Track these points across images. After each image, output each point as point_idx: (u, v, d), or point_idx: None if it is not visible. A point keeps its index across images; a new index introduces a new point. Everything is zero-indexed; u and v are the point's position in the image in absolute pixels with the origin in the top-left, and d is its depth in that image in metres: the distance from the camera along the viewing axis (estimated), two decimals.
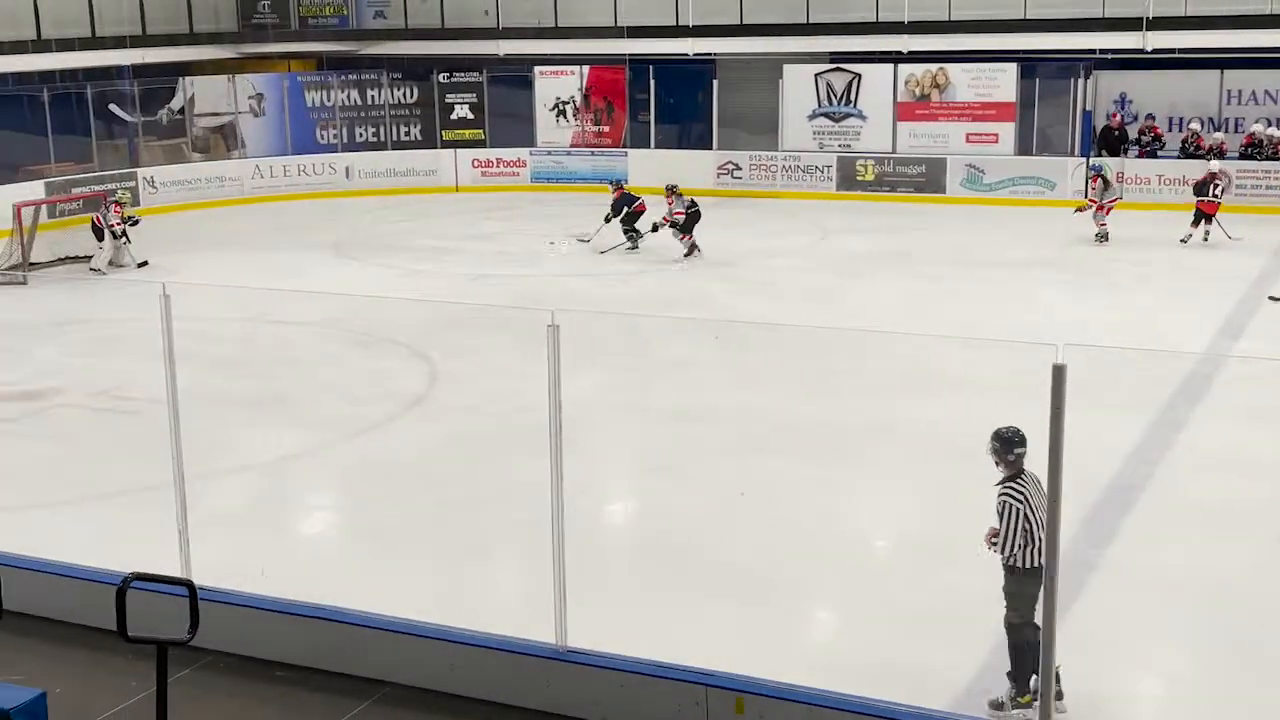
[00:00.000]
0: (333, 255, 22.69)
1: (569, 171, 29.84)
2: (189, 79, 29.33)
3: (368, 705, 7.72)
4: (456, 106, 30.43)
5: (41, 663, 8.05)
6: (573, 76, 29.96)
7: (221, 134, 29.77)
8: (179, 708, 6.64)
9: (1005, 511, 7.42)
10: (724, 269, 20.85)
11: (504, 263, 21.58)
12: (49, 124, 26.41)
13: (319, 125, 30.19)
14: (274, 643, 8.26)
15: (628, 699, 7.48)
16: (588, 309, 15.80)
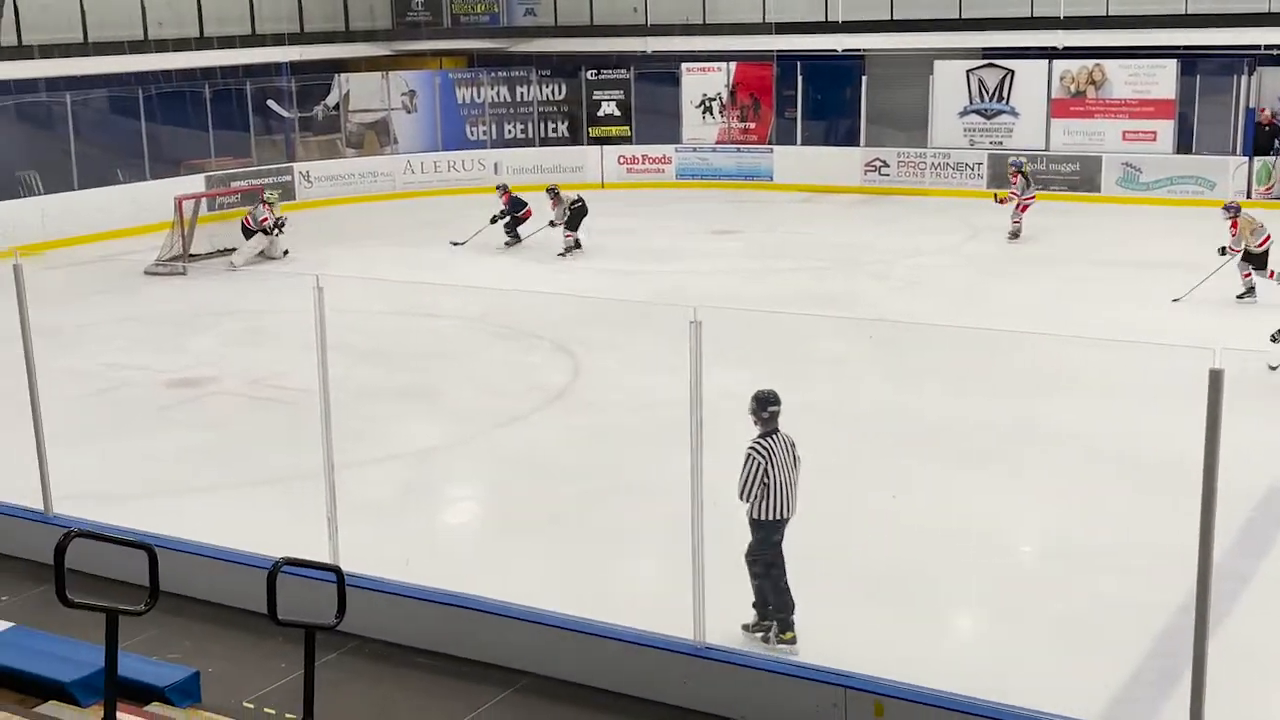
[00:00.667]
0: (478, 250, 22.98)
1: (714, 168, 29.81)
2: (344, 76, 29.99)
3: (507, 695, 7.81)
4: (603, 103, 30.61)
5: (195, 643, 8.30)
6: (719, 73, 29.92)
7: (374, 130, 30.37)
8: (325, 691, 6.79)
9: (747, 463, 8.14)
10: (872, 267, 20.63)
11: (648, 259, 21.63)
12: (210, 119, 27.23)
13: (469, 122, 30.61)
14: (417, 630, 8.40)
15: (765, 698, 7.45)
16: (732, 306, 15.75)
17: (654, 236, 23.90)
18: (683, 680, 7.66)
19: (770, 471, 8.14)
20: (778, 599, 8.24)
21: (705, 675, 7.61)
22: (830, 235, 23.76)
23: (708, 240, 23.63)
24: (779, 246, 23.10)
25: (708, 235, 24.03)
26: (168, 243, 21.71)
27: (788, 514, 8.24)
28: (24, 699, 5.67)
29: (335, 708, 7.11)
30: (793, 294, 18.54)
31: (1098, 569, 9.39)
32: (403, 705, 7.71)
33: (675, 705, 7.63)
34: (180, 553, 8.87)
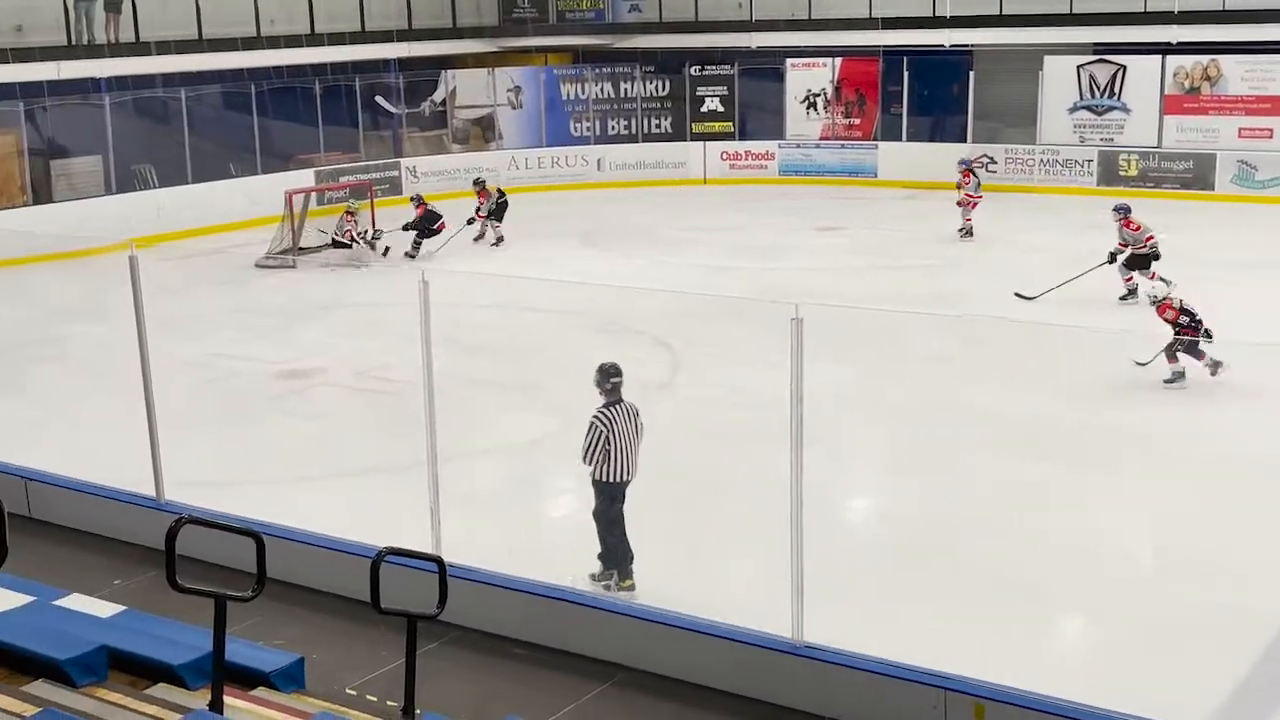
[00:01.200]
0: (583, 245, 23.10)
1: (818, 164, 29.64)
2: (451, 72, 30.29)
3: (605, 688, 7.84)
4: (707, 99, 30.58)
5: (300, 629, 8.44)
6: (824, 69, 29.74)
7: (480, 126, 30.64)
8: (426, 679, 6.87)
9: (590, 431, 8.93)
10: (977, 264, 20.37)
11: (749, 255, 21.57)
12: (319, 115, 27.66)
13: (573, 118, 30.77)
14: (516, 621, 8.47)
15: (863, 698, 7.40)
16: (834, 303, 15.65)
17: (756, 233, 23.82)
18: (780, 678, 7.65)
19: (611, 438, 8.93)
20: (619, 552, 9.05)
21: (803, 673, 7.58)
22: (935, 232, 23.48)
23: (810, 237, 23.50)
24: (883, 243, 22.89)
25: (810, 232, 23.89)
26: (277, 236, 22.09)
27: (627, 477, 9.07)
28: (135, 680, 5.80)
29: (436, 696, 7.19)
30: (896, 291, 18.35)
31: (1207, 574, 9.19)
32: (502, 695, 7.77)
33: (772, 703, 7.61)
34: (286, 540, 9.03)
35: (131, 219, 22.25)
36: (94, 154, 24.41)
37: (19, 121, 23.29)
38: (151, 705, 5.32)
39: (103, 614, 6.84)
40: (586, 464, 8.98)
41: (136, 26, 24.50)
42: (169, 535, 5.35)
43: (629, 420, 9.07)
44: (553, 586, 8.48)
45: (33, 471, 10.63)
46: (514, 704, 7.47)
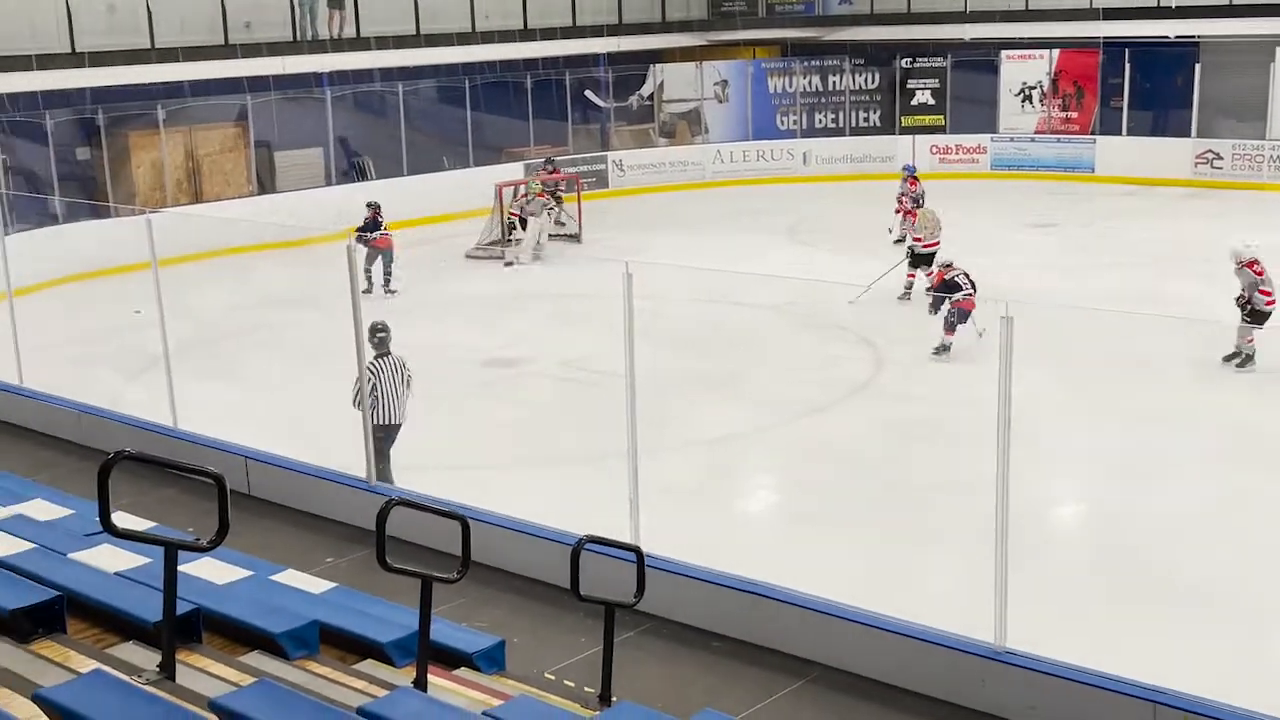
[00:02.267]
0: (788, 240, 22.98)
1: (1032, 159, 28.88)
2: (659, 66, 30.48)
3: (801, 685, 7.78)
4: (918, 92, 30.09)
5: (501, 613, 8.60)
6: (1041, 60, 28.94)
7: (687, 119, 30.75)
8: (623, 667, 6.93)
9: (362, 376, 10.31)
10: (1199, 265, 19.55)
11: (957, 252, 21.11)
12: (530, 109, 28.14)
13: (779, 111, 30.62)
14: (713, 614, 8.47)
15: (1068, 708, 7.18)
16: (1046, 302, 15.23)
17: (965, 229, 23.29)
18: (980, 683, 7.47)
19: (379, 385, 10.64)
20: None
21: (1004, 679, 7.39)
22: (1155, 231, 22.66)
23: (1022, 233, 22.92)
24: (1099, 241, 22.16)
25: (1023, 228, 23.31)
26: (488, 227, 22.57)
27: (392, 420, 10.76)
28: (344, 655, 5.99)
29: (632, 684, 7.24)
30: (1112, 292, 17.75)
31: None
32: (697, 686, 7.79)
33: (971, 708, 7.44)
34: (490, 525, 9.20)
35: (349, 209, 23.01)
36: (315, 146, 25.33)
37: (246, 115, 24.32)
38: (359, 680, 5.48)
39: (315, 590, 7.09)
40: (355, 408, 10.39)
41: (358, 22, 25.32)
42: (380, 516, 5.50)
43: (396, 371, 10.85)
44: (751, 581, 8.46)
45: (253, 451, 11.08)
46: (709, 696, 7.48)
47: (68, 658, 4.75)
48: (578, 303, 18.17)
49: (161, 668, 4.68)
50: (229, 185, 24.22)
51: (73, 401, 12.44)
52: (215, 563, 6.59)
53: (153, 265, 11.82)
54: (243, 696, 4.31)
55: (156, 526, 6.81)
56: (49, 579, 5.37)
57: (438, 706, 4.89)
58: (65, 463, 11.40)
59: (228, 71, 23.54)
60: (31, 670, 4.54)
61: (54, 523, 7.10)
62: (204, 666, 5.04)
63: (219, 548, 4.91)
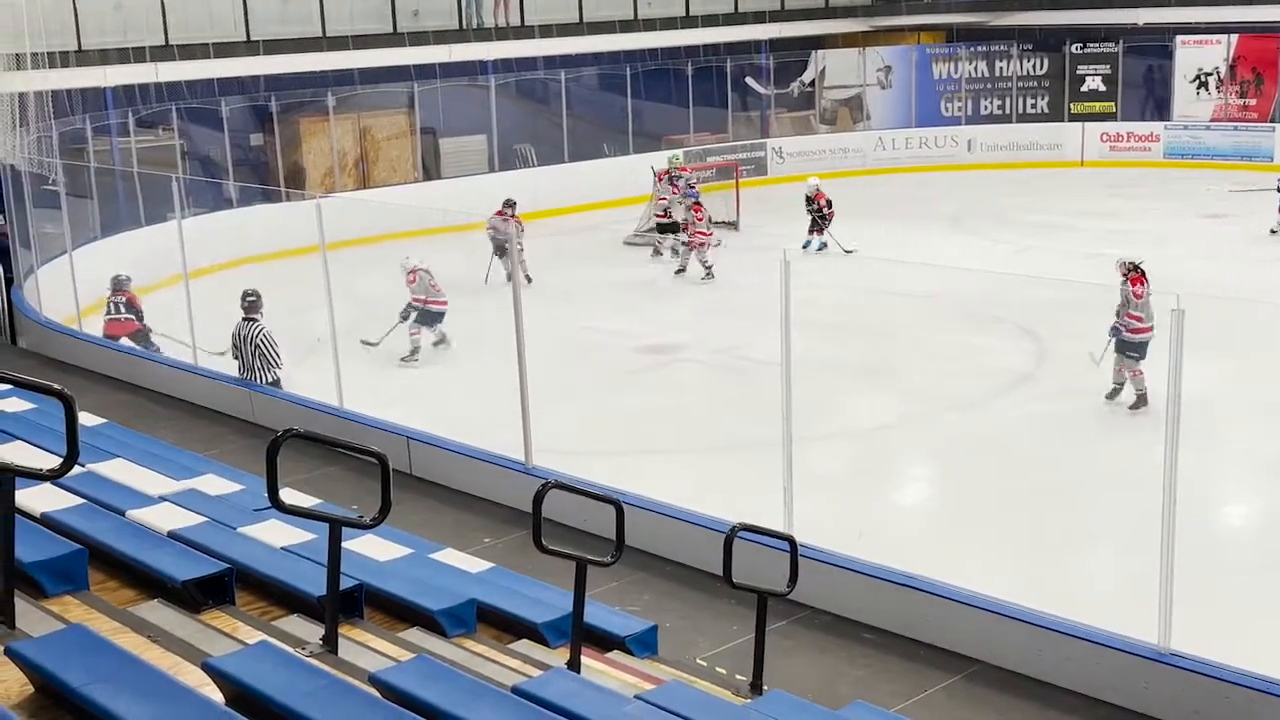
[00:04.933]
0: (949, 228, 22.62)
1: (1207, 147, 27.92)
2: (820, 52, 30.22)
3: (956, 680, 7.68)
4: (1087, 78, 29.31)
5: (654, 598, 8.65)
6: (1218, 45, 27.95)
7: (848, 106, 30.45)
8: (774, 657, 6.92)
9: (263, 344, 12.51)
10: None
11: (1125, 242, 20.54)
12: (690, 96, 28.15)
13: (944, 98, 30.13)
14: (866, 606, 8.40)
15: (1232, 712, 6.96)
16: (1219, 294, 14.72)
17: (1136, 219, 22.67)
18: (1142, 685, 7.28)
19: (240, 345, 12.59)
20: None
21: (1168, 682, 7.19)
22: None
23: (1196, 223, 22.20)
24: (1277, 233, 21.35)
25: (1196, 218, 22.57)
26: (645, 214, 22.65)
27: (249, 376, 12.63)
28: (500, 635, 6.09)
29: (783, 673, 7.22)
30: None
31: None
32: (849, 678, 7.73)
33: (1132, 710, 7.26)
34: (643, 510, 9.25)
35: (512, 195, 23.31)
36: (479, 133, 25.72)
37: (412, 102, 24.80)
38: (514, 659, 5.57)
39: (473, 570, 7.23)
40: (243, 374, 12.63)
41: (522, 11, 25.63)
42: (536, 499, 5.57)
43: (256, 334, 12.48)
44: (905, 574, 8.36)
45: (415, 432, 11.31)
46: (860, 688, 7.42)
47: (235, 628, 4.92)
48: (733, 291, 18.15)
49: (325, 641, 4.82)
50: (395, 171, 24.74)
51: (245, 381, 12.86)
52: (377, 540, 6.76)
53: (321, 249, 12.14)
54: (402, 671, 4.42)
55: (322, 504, 6.99)
56: (219, 552, 5.57)
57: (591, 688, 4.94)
58: (236, 440, 11.80)
59: (395, 59, 24.06)
60: (201, 639, 4.71)
61: (224, 498, 7.35)
62: (365, 641, 5.17)
63: (381, 525, 5.03)
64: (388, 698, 4.16)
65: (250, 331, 12.58)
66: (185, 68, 21.63)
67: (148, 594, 5.17)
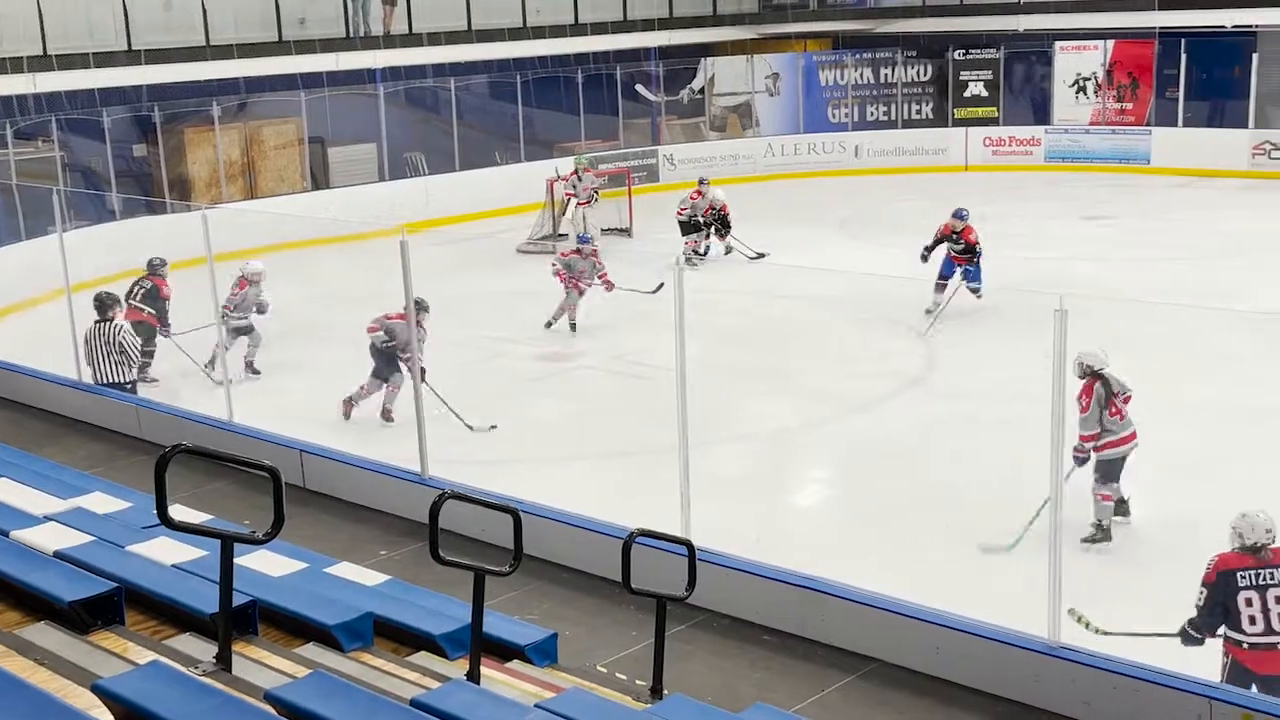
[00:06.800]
0: (838, 233, 22.89)
1: (1086, 150, 28.60)
2: (710, 60, 30.43)
3: (853, 679, 7.76)
4: (970, 84, 29.87)
5: (553, 605, 8.63)
6: (1096, 51, 28.65)
7: (737, 113, 30.69)
8: (674, 661, 6.94)
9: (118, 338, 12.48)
10: (1257, 256, 19.32)
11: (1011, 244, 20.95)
12: (581, 104, 28.18)
13: (831, 104, 30.50)
14: (764, 608, 8.46)
15: (1121, 703, 7.12)
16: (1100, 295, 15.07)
17: (1018, 221, 23.15)
18: (1034, 679, 7.43)
19: (95, 346, 12.52)
20: None
21: (1058, 675, 7.34)
22: (1212, 223, 22.40)
23: (1076, 225, 22.73)
24: (1154, 233, 21.95)
25: (1077, 220, 23.11)
26: (539, 222, 22.63)
27: (106, 380, 12.55)
28: (398, 648, 6.03)
29: (683, 678, 7.25)
30: (1167, 284, 17.58)
31: None
32: (749, 680, 7.78)
33: (1024, 703, 7.40)
34: (541, 518, 9.23)
35: (402, 205, 23.15)
36: (368, 142, 25.50)
37: (300, 111, 24.51)
38: (412, 672, 5.52)
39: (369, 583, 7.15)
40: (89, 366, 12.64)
41: (410, 18, 25.46)
42: (432, 510, 5.53)
43: (116, 334, 12.51)
44: (803, 575, 8.45)
45: (307, 444, 11.17)
46: (760, 690, 7.47)
47: (126, 649, 4.82)
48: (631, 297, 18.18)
49: (218, 659, 4.74)
50: (283, 181, 24.44)
51: (131, 396, 12.60)
52: (271, 555, 6.65)
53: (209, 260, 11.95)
54: (298, 688, 4.35)
55: (213, 519, 6.88)
56: (107, 571, 5.45)
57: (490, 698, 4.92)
58: (123, 456, 11.56)
59: (282, 68, 23.76)
60: (91, 661, 4.61)
61: (112, 516, 7.20)
62: (259, 658, 5.09)
63: (274, 540, 4.96)
64: (283, 715, 4.10)
65: (109, 332, 12.53)
66: (65, 78, 21.14)
67: (34, 616, 5.05)
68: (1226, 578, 6.86)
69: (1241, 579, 6.83)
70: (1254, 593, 6.78)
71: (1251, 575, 6.84)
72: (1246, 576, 6.83)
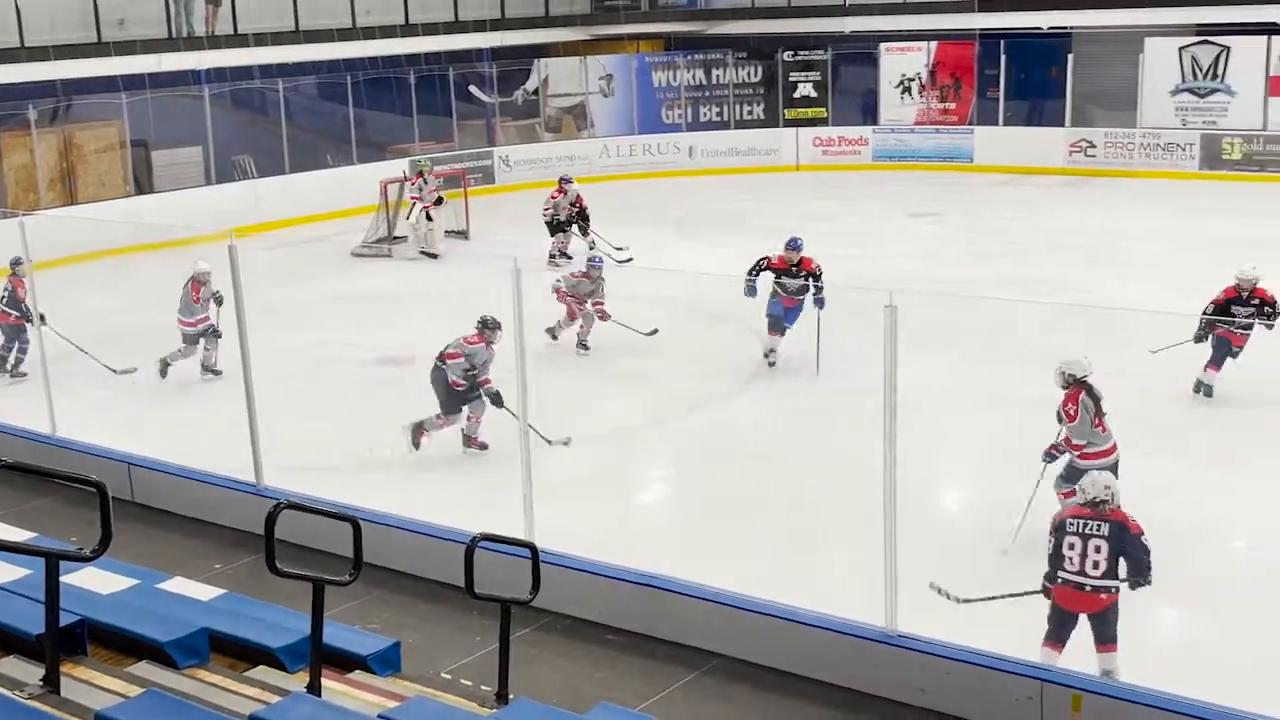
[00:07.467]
0: (674, 234, 23.07)
1: (912, 149, 29.33)
2: (543, 61, 30.39)
3: (696, 675, 7.84)
4: (800, 85, 30.37)
5: (395, 614, 8.54)
6: (920, 53, 29.39)
7: (572, 114, 30.71)
8: (519, 664, 6.92)
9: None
10: (1077, 251, 20.03)
11: (841, 242, 21.38)
12: (414, 105, 27.90)
13: (664, 105, 30.71)
14: (609, 608, 8.50)
15: (957, 687, 7.33)
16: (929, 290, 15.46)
17: (848, 219, 23.64)
18: (874, 666, 7.60)
19: None
20: None
21: (897, 662, 7.52)
22: (1033, 218, 23.17)
23: (905, 223, 23.29)
24: (978, 229, 22.62)
25: (904, 218, 23.68)
26: (373, 225, 22.35)
27: None
28: (235, 663, 5.91)
29: (529, 681, 7.24)
30: (993, 278, 18.13)
31: None
32: (593, 680, 7.80)
33: (865, 692, 7.56)
34: (382, 526, 9.14)
35: (231, 209, 22.61)
36: (194, 145, 24.87)
37: (121, 114, 23.78)
38: (251, 687, 5.41)
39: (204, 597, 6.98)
40: None
41: (235, 19, 24.88)
42: (268, 520, 5.43)
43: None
44: (644, 573, 8.50)
45: (136, 457, 10.86)
46: (606, 690, 7.50)
47: None
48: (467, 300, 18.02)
49: (45, 681, 4.58)
50: (105, 186, 23.66)
51: None
52: (99, 572, 6.45)
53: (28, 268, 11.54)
54: (130, 708, 4.24)
55: (37, 537, 6.64)
56: None
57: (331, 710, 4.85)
58: None
59: (101, 70, 22.96)
60: None
61: None
62: (89, 679, 4.93)
63: (103, 557, 4.81)
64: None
65: None
66: None
67: None
68: (1062, 525, 7.51)
69: (1070, 526, 7.49)
70: (1077, 538, 7.42)
71: (1080, 524, 7.47)
72: (1075, 524, 7.48)
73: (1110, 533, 7.37)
